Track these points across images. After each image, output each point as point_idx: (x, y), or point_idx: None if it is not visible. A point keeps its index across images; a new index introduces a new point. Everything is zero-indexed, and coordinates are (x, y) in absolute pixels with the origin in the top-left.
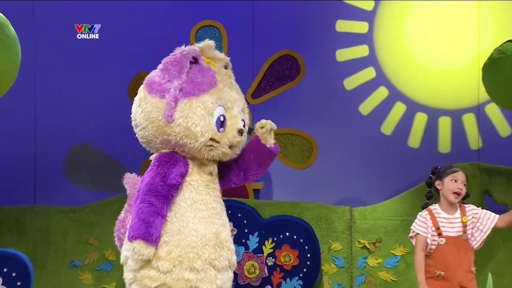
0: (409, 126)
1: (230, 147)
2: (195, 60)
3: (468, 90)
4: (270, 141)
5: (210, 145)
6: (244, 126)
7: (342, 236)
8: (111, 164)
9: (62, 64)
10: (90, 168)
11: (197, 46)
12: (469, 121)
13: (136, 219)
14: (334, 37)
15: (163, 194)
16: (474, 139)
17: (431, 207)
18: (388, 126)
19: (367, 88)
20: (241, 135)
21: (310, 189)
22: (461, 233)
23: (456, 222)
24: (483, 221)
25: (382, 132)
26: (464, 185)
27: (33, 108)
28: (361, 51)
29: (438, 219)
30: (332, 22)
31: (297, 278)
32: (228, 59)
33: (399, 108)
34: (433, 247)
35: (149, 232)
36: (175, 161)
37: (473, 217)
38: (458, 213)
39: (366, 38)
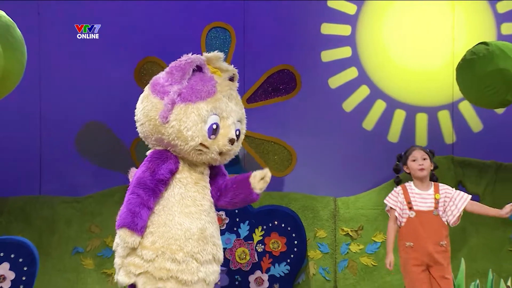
0: (389, 122)
1: (220, 154)
2: (199, 68)
3: (443, 89)
4: (258, 188)
5: (199, 150)
6: (239, 136)
7: (326, 224)
8: (117, 147)
9: (66, 61)
10: (100, 148)
11: (205, 56)
12: (444, 118)
13: (124, 209)
14: (319, 39)
15: (151, 188)
16: (448, 134)
17: (407, 183)
18: (370, 122)
19: (350, 87)
20: (232, 144)
21: (297, 181)
22: (432, 208)
23: (428, 198)
24: (456, 200)
25: (364, 127)
26: (424, 159)
27: (38, 104)
28: (344, 52)
29: (410, 194)
30: (317, 25)
31: (284, 263)
32: (235, 71)
33: (379, 105)
34: (404, 220)
35: (134, 221)
36: (165, 158)
37: (446, 196)
38: (432, 190)
39: (349, 40)
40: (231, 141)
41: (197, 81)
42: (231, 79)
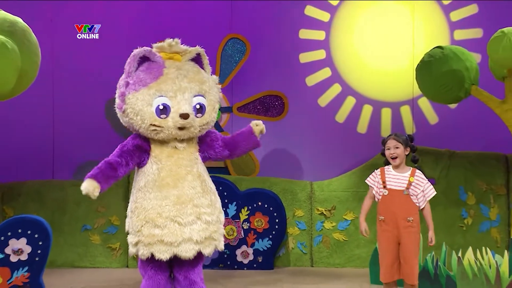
0: (358, 115)
1: (181, 128)
2: (146, 59)
3: (404, 87)
4: (258, 134)
5: (154, 129)
6: (201, 108)
7: (304, 205)
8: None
9: (75, 61)
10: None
11: (154, 46)
12: (405, 112)
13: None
14: (297, 43)
15: (116, 154)
16: (409, 126)
17: (386, 167)
18: (341, 116)
19: (324, 85)
20: (185, 119)
21: (278, 167)
22: (403, 189)
23: (403, 179)
24: (425, 191)
25: (336, 120)
26: (397, 147)
27: (51, 100)
28: (319, 54)
29: (386, 176)
30: (296, 31)
31: (267, 239)
32: (197, 50)
33: (350, 101)
34: (379, 197)
35: (92, 171)
36: (134, 137)
37: (418, 183)
38: (408, 174)
39: (324, 44)
40: (183, 116)
41: (143, 70)
42: (198, 58)
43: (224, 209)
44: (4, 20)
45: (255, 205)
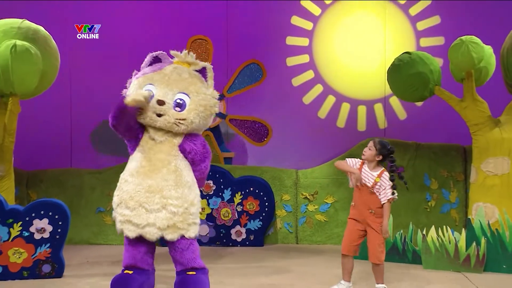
0: (337, 112)
1: (159, 115)
2: (158, 60)
3: (377, 87)
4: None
5: (140, 113)
6: (181, 104)
7: (290, 190)
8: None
9: (90, 62)
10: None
11: (172, 52)
12: (378, 109)
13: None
14: (285, 49)
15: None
16: (381, 121)
17: (366, 162)
18: (323, 112)
19: (308, 85)
20: (161, 105)
21: (267, 157)
22: (370, 186)
23: (371, 177)
24: (385, 191)
25: (318, 116)
26: (369, 149)
27: (68, 98)
28: (304, 58)
29: (362, 170)
30: (283, 38)
31: (258, 220)
32: (204, 65)
33: (330, 100)
34: (353, 184)
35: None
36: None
37: (381, 184)
38: (377, 173)
39: (307, 50)
40: (159, 102)
41: (151, 67)
42: (203, 71)
43: (220, 194)
44: (28, 28)
45: (247, 191)
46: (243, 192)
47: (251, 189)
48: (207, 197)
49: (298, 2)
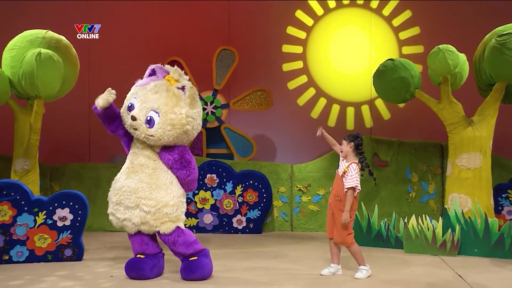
0: (328, 112)
1: (135, 129)
2: (154, 72)
3: (364, 90)
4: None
5: (122, 120)
6: (150, 121)
7: (286, 183)
8: None
9: (108, 66)
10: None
11: (166, 67)
12: (365, 110)
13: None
14: (281, 55)
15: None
16: (368, 121)
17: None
18: (315, 113)
19: (302, 88)
20: (133, 120)
21: (265, 153)
22: (341, 174)
23: (343, 166)
24: (347, 180)
25: (311, 116)
26: (342, 143)
27: (87, 100)
28: (298, 64)
29: (340, 161)
30: (279, 46)
31: (257, 209)
32: (184, 84)
33: (322, 101)
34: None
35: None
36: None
37: (348, 172)
38: (348, 163)
39: (301, 56)
40: (132, 118)
41: (144, 80)
42: (183, 88)
43: (223, 186)
44: (51, 38)
45: (247, 183)
46: (243, 185)
47: (251, 182)
48: (211, 189)
49: (293, 14)
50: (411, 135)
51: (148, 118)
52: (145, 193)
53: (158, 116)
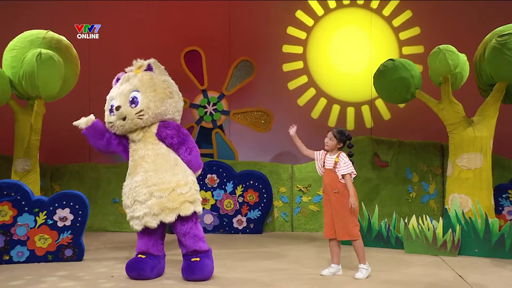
0: (328, 113)
1: (122, 119)
2: (118, 80)
3: (364, 90)
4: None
5: (109, 125)
6: (134, 101)
7: (286, 183)
8: None
9: (107, 68)
10: None
11: (127, 69)
12: (365, 110)
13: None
14: (281, 56)
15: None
16: (368, 121)
17: (328, 153)
18: (316, 113)
19: (302, 89)
20: (117, 110)
21: (266, 153)
22: (332, 167)
23: (331, 160)
24: (340, 168)
25: (311, 116)
26: (331, 139)
27: (87, 100)
28: (298, 65)
29: (326, 158)
30: (279, 46)
31: (257, 210)
32: (146, 62)
33: (322, 102)
34: (322, 172)
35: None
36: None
37: (339, 161)
38: (335, 156)
39: (301, 57)
40: (116, 108)
41: (113, 88)
42: (150, 68)
43: (223, 186)
44: (52, 38)
45: (248, 183)
46: (244, 185)
47: (251, 182)
48: (212, 189)
49: (293, 14)
50: (411, 135)
51: (131, 99)
52: (154, 180)
53: (139, 92)
